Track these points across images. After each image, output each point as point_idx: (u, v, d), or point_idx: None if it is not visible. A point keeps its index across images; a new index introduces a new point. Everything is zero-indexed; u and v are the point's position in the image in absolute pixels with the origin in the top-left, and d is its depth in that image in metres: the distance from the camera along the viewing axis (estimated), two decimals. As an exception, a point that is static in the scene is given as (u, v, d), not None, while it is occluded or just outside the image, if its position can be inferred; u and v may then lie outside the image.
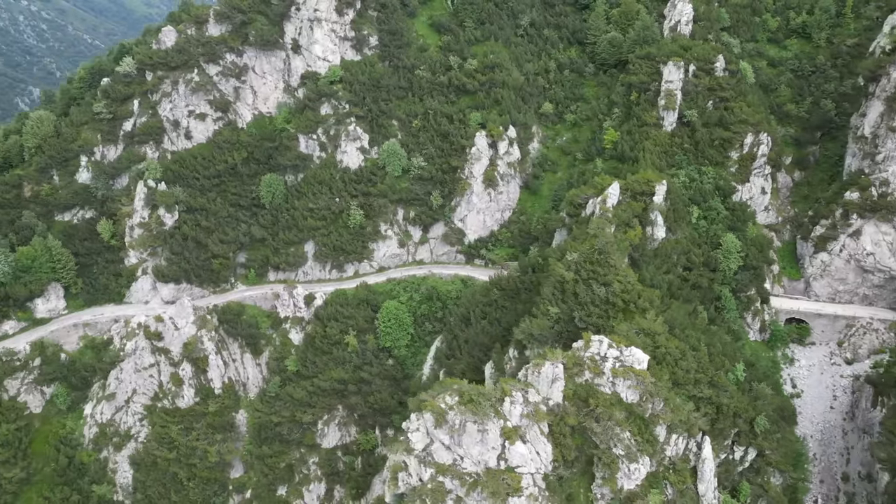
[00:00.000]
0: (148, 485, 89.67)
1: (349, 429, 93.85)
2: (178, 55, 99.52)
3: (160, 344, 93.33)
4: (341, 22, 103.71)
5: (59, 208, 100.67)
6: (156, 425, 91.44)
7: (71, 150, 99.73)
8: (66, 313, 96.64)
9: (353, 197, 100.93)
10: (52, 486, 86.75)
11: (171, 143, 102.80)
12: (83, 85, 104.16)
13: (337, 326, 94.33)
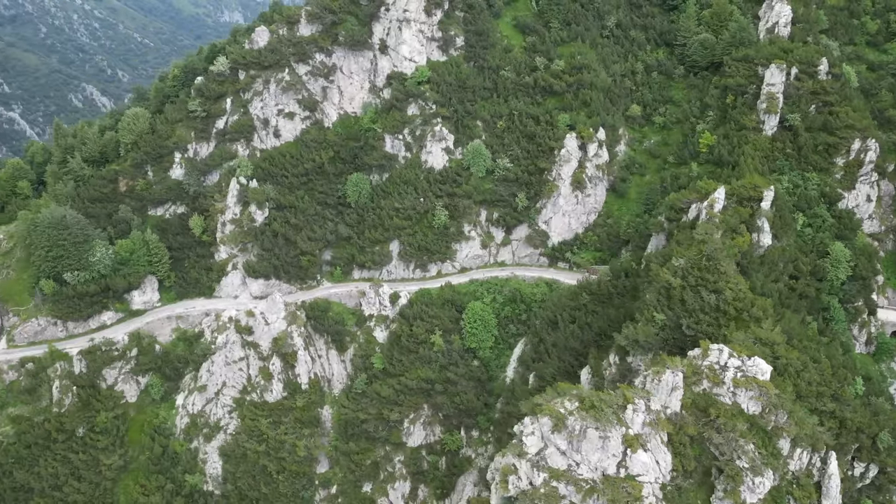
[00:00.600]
0: (238, 476, 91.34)
1: (434, 428, 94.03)
2: (271, 55, 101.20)
3: (250, 338, 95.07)
4: (429, 22, 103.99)
5: (152, 203, 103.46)
6: (245, 418, 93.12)
7: (165, 147, 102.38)
8: (160, 306, 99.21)
9: (438, 197, 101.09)
10: (147, 474, 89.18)
11: (261, 142, 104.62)
12: (176, 83, 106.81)
13: (423, 326, 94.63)
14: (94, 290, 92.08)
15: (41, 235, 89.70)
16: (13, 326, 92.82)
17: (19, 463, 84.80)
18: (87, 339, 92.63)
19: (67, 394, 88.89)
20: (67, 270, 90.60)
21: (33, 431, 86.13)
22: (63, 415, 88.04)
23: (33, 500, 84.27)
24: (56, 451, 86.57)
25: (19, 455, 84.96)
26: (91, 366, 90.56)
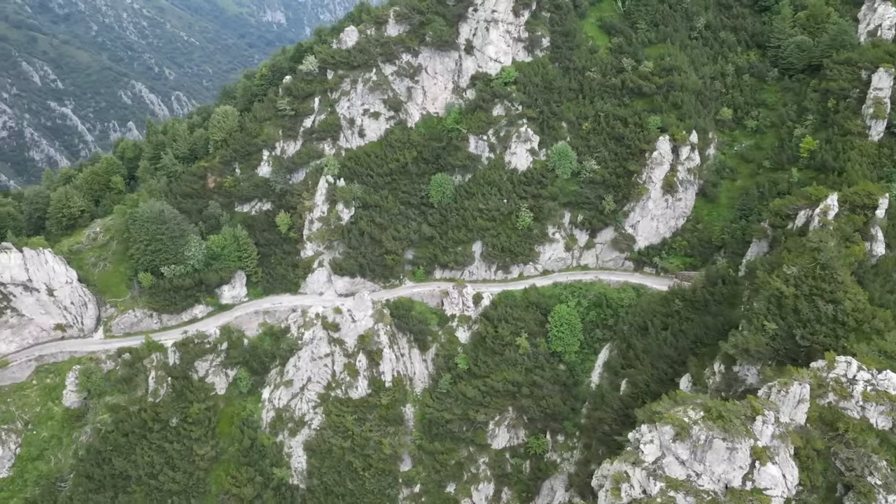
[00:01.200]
0: (323, 471, 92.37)
1: (518, 431, 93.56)
2: (360, 55, 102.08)
3: (336, 335, 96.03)
4: (516, 23, 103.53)
5: (239, 199, 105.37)
6: (331, 414, 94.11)
7: (254, 145, 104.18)
8: (247, 300, 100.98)
9: (522, 199, 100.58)
10: (237, 466, 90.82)
11: (346, 141, 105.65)
12: (264, 82, 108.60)
13: (507, 328, 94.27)
14: (188, 284, 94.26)
15: (140, 229, 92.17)
16: (110, 317, 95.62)
17: (117, 451, 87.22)
18: (181, 331, 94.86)
19: (162, 384, 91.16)
20: (164, 264, 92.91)
21: (130, 420, 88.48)
22: (158, 405, 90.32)
23: (131, 487, 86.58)
24: (152, 440, 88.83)
25: (117, 443, 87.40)
26: (184, 357, 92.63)
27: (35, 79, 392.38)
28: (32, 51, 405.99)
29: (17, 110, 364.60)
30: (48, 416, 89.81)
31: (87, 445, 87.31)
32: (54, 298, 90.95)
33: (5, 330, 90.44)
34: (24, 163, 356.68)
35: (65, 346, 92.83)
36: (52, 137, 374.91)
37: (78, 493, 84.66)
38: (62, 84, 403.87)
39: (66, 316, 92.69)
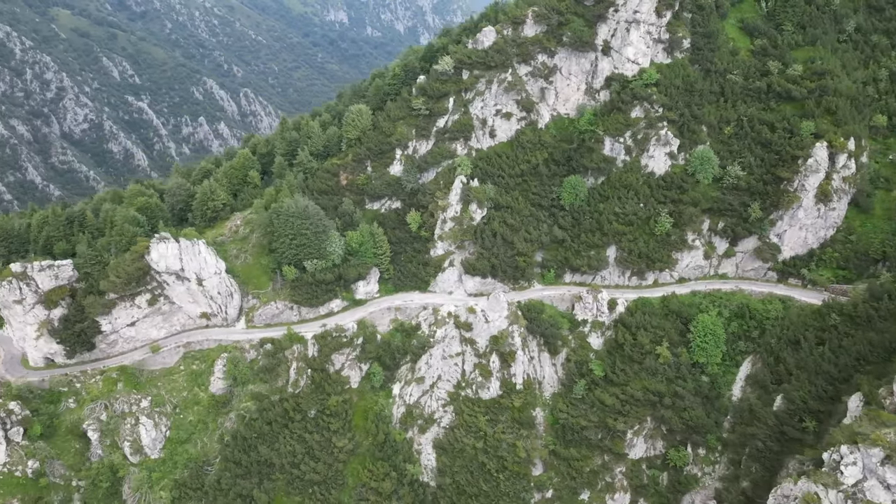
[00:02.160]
0: (455, 470, 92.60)
1: (655, 442, 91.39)
2: (497, 55, 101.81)
3: (468, 334, 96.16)
4: (657, 24, 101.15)
5: (370, 197, 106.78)
6: (463, 413, 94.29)
7: (387, 144, 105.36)
8: (378, 296, 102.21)
9: (661, 203, 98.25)
10: (373, 460, 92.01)
11: (477, 141, 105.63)
12: (396, 81, 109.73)
13: (647, 336, 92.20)
14: (329, 279, 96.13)
15: (285, 224, 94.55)
16: (252, 308, 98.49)
17: (261, 438, 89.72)
18: (318, 324, 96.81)
19: (302, 375, 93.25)
20: (308, 258, 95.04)
21: (273, 409, 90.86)
22: (298, 395, 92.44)
23: (274, 474, 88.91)
24: (293, 429, 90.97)
25: (261, 431, 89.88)
26: (322, 350, 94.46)
27: (114, 74, 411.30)
28: (113, 47, 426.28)
29: (98, 104, 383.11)
30: (194, 401, 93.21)
31: (233, 432, 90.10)
32: (203, 288, 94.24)
33: (157, 316, 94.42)
34: (102, 154, 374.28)
35: (210, 334, 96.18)
36: (129, 130, 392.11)
37: (225, 477, 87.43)
38: (139, 79, 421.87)
39: (212, 305, 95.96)
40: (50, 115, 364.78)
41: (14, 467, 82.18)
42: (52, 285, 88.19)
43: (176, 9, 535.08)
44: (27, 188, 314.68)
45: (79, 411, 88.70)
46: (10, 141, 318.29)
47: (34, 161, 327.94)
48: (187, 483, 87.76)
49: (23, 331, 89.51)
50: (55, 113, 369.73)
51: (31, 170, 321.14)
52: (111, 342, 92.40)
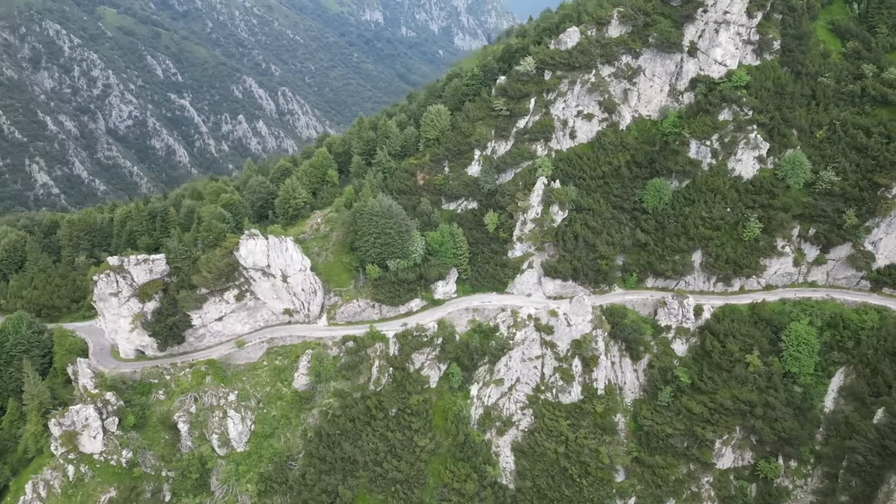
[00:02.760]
0: (535, 474, 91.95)
1: (744, 452, 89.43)
2: (581, 56, 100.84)
3: (549, 337, 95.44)
4: (748, 25, 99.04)
5: (447, 197, 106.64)
6: (543, 417, 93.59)
7: (466, 144, 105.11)
8: (456, 297, 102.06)
9: (749, 208, 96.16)
10: (453, 461, 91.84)
11: (557, 142, 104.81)
12: (474, 81, 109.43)
13: (736, 343, 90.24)
14: (411, 278, 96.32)
15: (369, 223, 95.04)
16: (333, 305, 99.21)
17: (345, 435, 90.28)
18: (398, 323, 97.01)
19: (384, 374, 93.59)
20: (391, 257, 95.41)
21: (356, 407, 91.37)
22: (380, 393, 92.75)
23: (358, 472, 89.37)
24: (375, 427, 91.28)
25: (345, 428, 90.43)
26: (403, 349, 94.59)
27: (158, 72, 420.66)
28: (157, 45, 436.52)
29: (142, 101, 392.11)
30: (277, 396, 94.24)
31: (316, 428, 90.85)
32: (287, 285, 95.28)
33: (243, 312, 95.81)
34: (145, 150, 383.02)
35: (292, 330, 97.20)
36: (171, 127, 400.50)
37: (310, 472, 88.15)
38: (181, 77, 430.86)
39: (295, 302, 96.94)
40: (96, 112, 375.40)
41: (109, 456, 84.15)
42: (147, 279, 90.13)
43: (217, 8, 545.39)
44: (74, 182, 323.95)
45: (168, 403, 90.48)
46: (59, 136, 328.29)
47: (81, 156, 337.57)
48: (272, 477, 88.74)
49: (116, 323, 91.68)
50: (101, 109, 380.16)
51: (77, 164, 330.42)
52: (199, 336, 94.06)
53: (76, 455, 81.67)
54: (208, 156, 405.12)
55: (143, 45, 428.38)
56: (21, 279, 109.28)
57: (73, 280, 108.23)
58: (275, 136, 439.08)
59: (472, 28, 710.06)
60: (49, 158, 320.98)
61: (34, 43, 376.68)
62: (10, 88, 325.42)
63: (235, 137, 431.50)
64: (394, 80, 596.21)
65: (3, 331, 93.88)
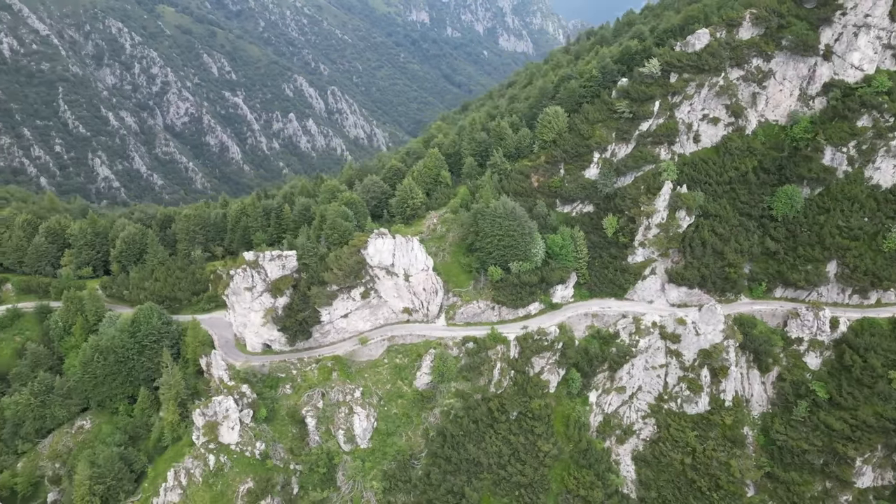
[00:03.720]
0: (660, 484, 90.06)
1: (885, 472, 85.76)
2: (711, 58, 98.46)
3: (674, 346, 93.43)
4: (889, 29, 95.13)
5: (562, 200, 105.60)
6: (670, 427, 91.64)
7: (584, 146, 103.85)
8: (573, 301, 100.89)
9: (889, 218, 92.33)
10: (577, 467, 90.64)
11: (681, 146, 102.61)
12: (593, 83, 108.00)
13: (878, 358, 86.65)
14: (533, 281, 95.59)
15: (493, 224, 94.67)
16: (451, 306, 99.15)
17: (468, 436, 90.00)
18: (518, 326, 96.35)
19: (506, 376, 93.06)
20: (514, 260, 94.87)
21: (479, 408, 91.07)
22: (502, 396, 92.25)
23: (482, 473, 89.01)
24: (498, 430, 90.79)
25: (468, 429, 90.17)
26: (524, 352, 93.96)
27: (213, 70, 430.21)
28: (212, 44, 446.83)
29: (198, 98, 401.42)
30: (398, 394, 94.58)
31: (438, 427, 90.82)
32: (409, 284, 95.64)
33: (366, 310, 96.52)
34: (200, 147, 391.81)
35: (412, 329, 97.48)
36: (224, 125, 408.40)
37: (434, 472, 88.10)
38: (235, 76, 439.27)
39: (414, 301, 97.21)
40: (154, 108, 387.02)
41: (244, 447, 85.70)
42: (279, 275, 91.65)
43: (269, 8, 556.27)
44: (133, 176, 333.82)
45: (295, 397, 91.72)
46: (120, 132, 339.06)
47: (140, 151, 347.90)
48: (396, 475, 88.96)
49: (245, 317, 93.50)
50: (159, 106, 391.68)
51: (137, 159, 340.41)
52: (325, 332, 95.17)
53: (216, 445, 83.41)
54: (259, 153, 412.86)
55: (200, 43, 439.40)
56: (141, 271, 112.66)
57: (192, 273, 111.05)
58: (324, 134, 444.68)
59: (518, 29, 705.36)
60: (110, 153, 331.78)
61: (97, 40, 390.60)
62: (75, 84, 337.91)
63: (286, 135, 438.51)
64: (439, 80, 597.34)
65: (135, 321, 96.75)
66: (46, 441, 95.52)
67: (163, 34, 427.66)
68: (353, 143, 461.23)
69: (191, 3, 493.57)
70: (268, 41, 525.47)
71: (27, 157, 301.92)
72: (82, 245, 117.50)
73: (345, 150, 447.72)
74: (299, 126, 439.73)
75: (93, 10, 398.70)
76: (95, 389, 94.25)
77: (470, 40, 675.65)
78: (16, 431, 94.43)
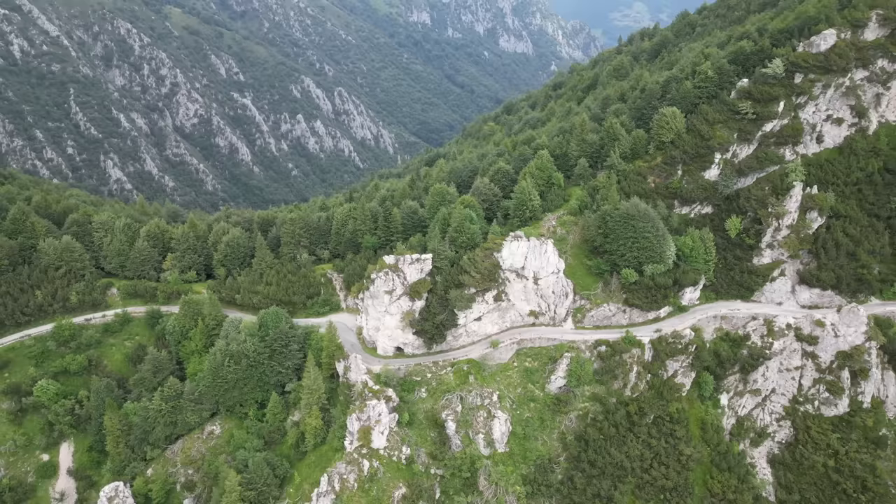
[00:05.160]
0: (802, 487, 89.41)
1: None
2: (838, 59, 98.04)
3: (810, 348, 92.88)
4: None
5: (681, 201, 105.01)
6: (810, 429, 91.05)
7: (705, 147, 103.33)
8: (698, 304, 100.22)
9: None
10: (718, 471, 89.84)
11: (804, 147, 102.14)
12: (709, 84, 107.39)
13: None
14: (667, 283, 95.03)
15: (624, 226, 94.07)
16: (579, 309, 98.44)
17: (609, 440, 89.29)
18: (649, 329, 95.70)
19: (642, 380, 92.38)
20: (648, 262, 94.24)
21: (618, 412, 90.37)
22: (639, 399, 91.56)
23: (626, 478, 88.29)
24: (638, 434, 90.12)
25: (609, 433, 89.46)
26: (658, 355, 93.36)
27: (221, 71, 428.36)
28: (220, 45, 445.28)
29: (207, 100, 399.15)
30: (529, 397, 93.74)
31: (577, 431, 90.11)
32: (538, 287, 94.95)
33: (495, 313, 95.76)
34: (210, 148, 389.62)
35: (540, 332, 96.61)
36: (233, 126, 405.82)
37: (579, 477, 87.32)
38: (243, 77, 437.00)
39: (541, 304, 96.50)
40: (164, 110, 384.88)
41: (391, 453, 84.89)
42: (417, 278, 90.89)
43: (273, 8, 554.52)
44: (145, 178, 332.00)
45: (431, 401, 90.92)
46: (131, 133, 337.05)
47: (151, 153, 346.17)
48: (536, 479, 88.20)
49: (379, 320, 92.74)
50: (169, 107, 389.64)
51: (148, 161, 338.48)
52: (456, 335, 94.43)
53: (367, 450, 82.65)
54: (268, 154, 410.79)
55: (208, 44, 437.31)
56: (251, 275, 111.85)
57: (303, 276, 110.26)
58: (332, 135, 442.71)
59: (517, 30, 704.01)
60: (122, 154, 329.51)
61: (106, 41, 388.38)
62: (85, 86, 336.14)
63: (294, 136, 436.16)
64: (442, 81, 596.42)
65: (263, 325, 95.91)
66: (175, 447, 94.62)
67: (171, 35, 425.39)
68: (361, 144, 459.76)
69: (197, 4, 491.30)
70: (272, 42, 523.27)
71: (40, 158, 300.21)
72: (185, 249, 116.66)
73: (353, 151, 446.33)
74: (307, 127, 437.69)
75: (101, 10, 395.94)
76: (227, 394, 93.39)
77: (471, 41, 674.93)
78: (144, 438, 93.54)
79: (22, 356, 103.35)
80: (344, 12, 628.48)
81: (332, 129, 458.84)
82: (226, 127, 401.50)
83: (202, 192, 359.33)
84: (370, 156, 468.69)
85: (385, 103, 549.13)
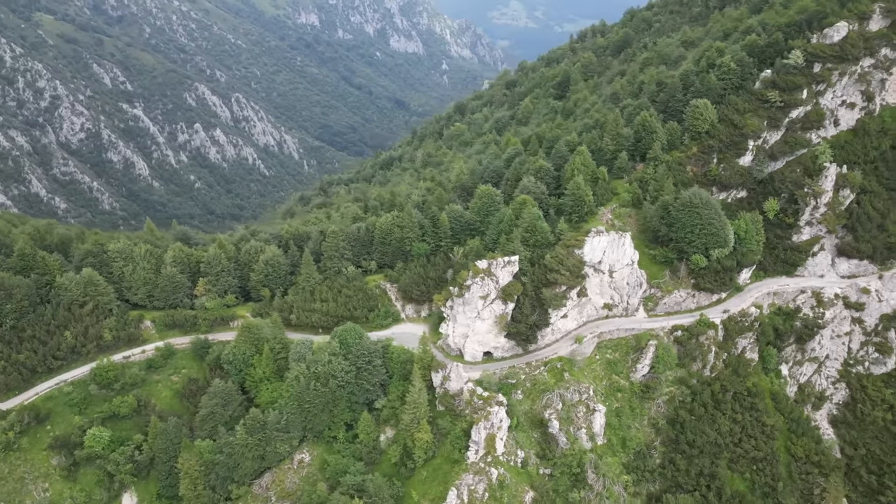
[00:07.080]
0: (867, 441, 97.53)
1: None
2: (851, 48, 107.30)
3: (857, 314, 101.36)
4: None
5: (718, 187, 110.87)
6: (866, 388, 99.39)
7: (739, 135, 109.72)
8: (750, 282, 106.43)
9: None
10: (796, 437, 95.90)
11: (824, 131, 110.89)
12: (732, 76, 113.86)
13: None
14: (731, 266, 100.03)
15: (690, 215, 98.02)
16: (650, 297, 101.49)
17: (700, 420, 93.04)
18: (716, 310, 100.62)
19: (719, 359, 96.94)
20: (714, 247, 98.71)
21: (703, 392, 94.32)
22: (719, 378, 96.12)
23: (723, 454, 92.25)
24: (724, 410, 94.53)
25: (699, 413, 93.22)
26: (729, 334, 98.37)
27: (106, 80, 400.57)
28: (101, 53, 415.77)
29: (93, 112, 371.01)
30: (615, 388, 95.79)
31: (668, 416, 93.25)
32: (612, 279, 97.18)
33: (574, 308, 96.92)
34: (102, 164, 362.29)
35: (617, 323, 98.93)
36: (126, 139, 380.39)
37: (679, 458, 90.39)
38: (131, 86, 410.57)
39: (615, 296, 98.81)
40: (46, 125, 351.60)
41: (508, 457, 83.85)
42: (508, 280, 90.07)
43: (153, 13, 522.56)
44: (32, 201, 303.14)
45: (528, 402, 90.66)
46: (12, 153, 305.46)
47: (37, 173, 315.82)
48: (638, 466, 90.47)
49: (468, 326, 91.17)
50: (51, 122, 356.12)
51: (34, 182, 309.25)
52: (543, 334, 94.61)
53: (491, 458, 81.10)
54: (168, 167, 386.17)
55: (88, 52, 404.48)
56: (301, 293, 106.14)
57: (360, 289, 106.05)
58: (233, 144, 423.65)
59: (407, 30, 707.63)
60: (3, 176, 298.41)
61: None
62: None
63: (193, 147, 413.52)
64: (339, 83, 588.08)
65: (344, 342, 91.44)
66: (262, 482, 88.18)
67: (45, 44, 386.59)
68: (265, 151, 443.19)
69: (70, 10, 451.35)
70: (157, 48, 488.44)
71: None
72: (219, 272, 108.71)
73: (257, 159, 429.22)
74: (207, 136, 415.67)
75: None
76: (315, 419, 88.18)
77: (362, 42, 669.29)
78: (228, 475, 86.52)
79: (62, 405, 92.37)
80: (229, 15, 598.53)
81: (234, 137, 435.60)
82: (118, 140, 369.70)
83: (98, 211, 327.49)
84: (275, 163, 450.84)
85: (284, 108, 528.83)
